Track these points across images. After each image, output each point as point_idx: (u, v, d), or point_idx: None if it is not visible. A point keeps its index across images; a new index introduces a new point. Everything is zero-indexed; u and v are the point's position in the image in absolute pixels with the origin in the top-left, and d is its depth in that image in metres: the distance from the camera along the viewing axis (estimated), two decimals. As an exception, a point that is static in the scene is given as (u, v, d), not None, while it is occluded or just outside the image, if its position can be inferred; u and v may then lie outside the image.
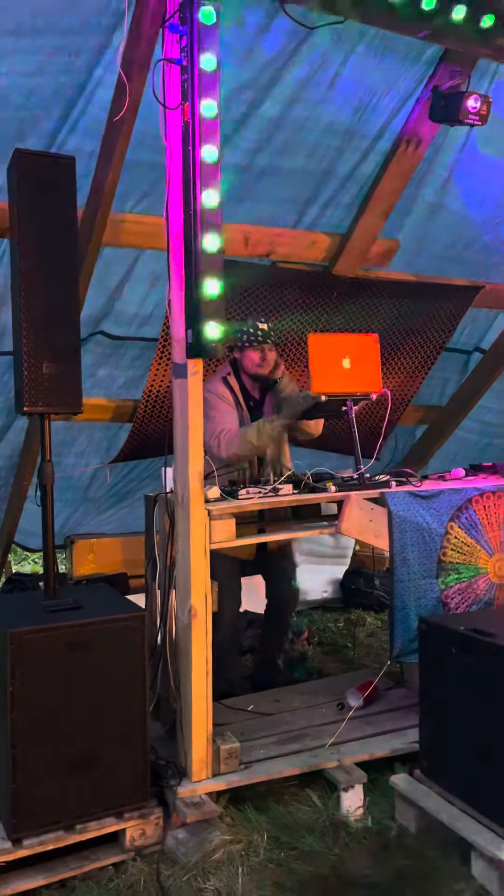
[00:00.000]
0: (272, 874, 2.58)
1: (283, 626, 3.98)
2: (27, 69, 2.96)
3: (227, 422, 3.46)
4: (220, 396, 3.54)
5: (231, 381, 3.61)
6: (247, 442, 3.32)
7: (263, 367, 3.58)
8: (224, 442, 3.36)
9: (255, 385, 3.66)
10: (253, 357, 3.56)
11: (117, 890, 2.55)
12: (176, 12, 2.62)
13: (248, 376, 3.64)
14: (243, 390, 3.63)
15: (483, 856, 2.48)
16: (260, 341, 3.53)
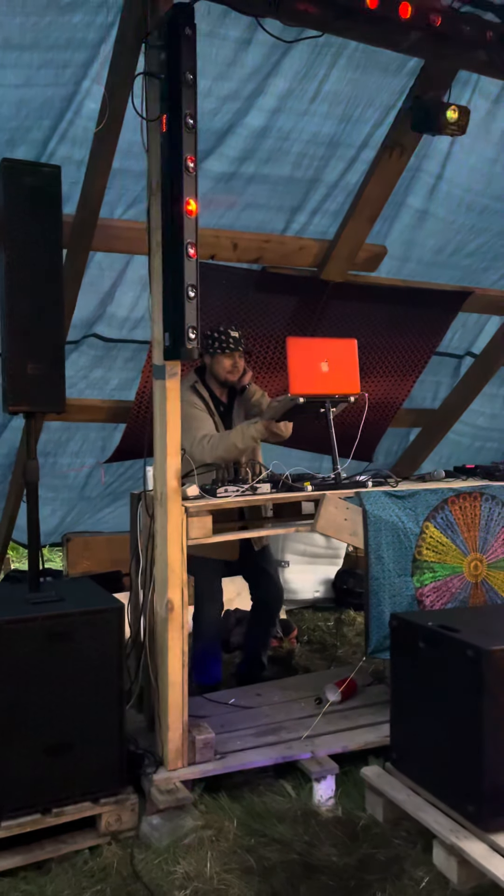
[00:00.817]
0: (240, 859, 2.67)
1: (268, 625, 4.07)
2: (16, 81, 3.07)
3: (206, 427, 3.56)
4: (193, 405, 3.60)
5: (200, 388, 3.70)
6: (231, 445, 3.42)
7: (234, 374, 3.68)
8: (209, 446, 3.45)
9: (223, 391, 3.76)
10: (225, 364, 3.66)
11: (92, 872, 2.64)
12: (156, 28, 2.72)
13: (218, 382, 3.73)
14: (213, 397, 3.73)
15: (443, 844, 2.55)
16: (232, 349, 3.63)
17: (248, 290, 4.39)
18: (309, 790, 3.06)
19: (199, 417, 3.56)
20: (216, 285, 4.21)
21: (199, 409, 3.61)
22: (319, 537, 5.82)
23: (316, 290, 4.50)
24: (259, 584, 3.97)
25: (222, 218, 4.01)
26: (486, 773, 2.53)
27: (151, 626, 3.09)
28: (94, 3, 2.88)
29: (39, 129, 3.31)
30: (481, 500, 3.53)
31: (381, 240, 4.48)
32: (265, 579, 3.92)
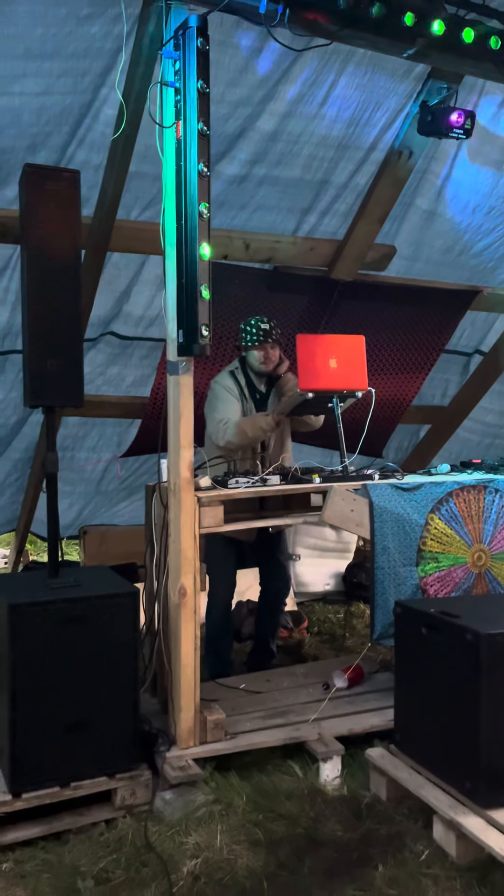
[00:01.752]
0: (249, 832, 2.79)
1: (276, 612, 4.20)
2: (38, 89, 3.21)
3: (229, 412, 3.70)
4: (227, 388, 3.78)
5: (237, 374, 3.86)
6: (241, 433, 3.56)
7: (267, 364, 3.80)
8: (223, 429, 3.60)
9: (261, 380, 3.89)
10: (257, 355, 3.79)
11: (107, 843, 2.78)
12: (171, 39, 2.85)
13: (253, 371, 3.87)
14: (249, 384, 3.86)
15: (442, 819, 2.67)
16: (262, 340, 3.76)
17: (260, 290, 4.52)
18: (315, 770, 3.18)
19: (224, 399, 3.71)
20: (229, 285, 4.33)
21: (230, 392, 3.75)
22: (330, 532, 5.93)
23: (326, 289, 4.62)
24: (268, 572, 4.11)
25: (235, 219, 4.13)
26: (483, 751, 2.64)
27: (165, 612, 3.22)
28: (112, 15, 3.01)
29: (59, 134, 3.45)
30: (485, 493, 3.63)
31: (391, 240, 4.59)
32: (275, 567, 4.05)
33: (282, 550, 4.12)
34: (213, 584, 3.97)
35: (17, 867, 2.65)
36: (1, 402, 4.53)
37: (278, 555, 4.08)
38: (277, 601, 4.16)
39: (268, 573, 4.12)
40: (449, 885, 2.49)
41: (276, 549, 4.07)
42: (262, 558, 4.12)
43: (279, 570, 4.09)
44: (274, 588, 4.12)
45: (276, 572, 4.09)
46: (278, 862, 2.64)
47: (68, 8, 2.95)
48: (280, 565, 4.09)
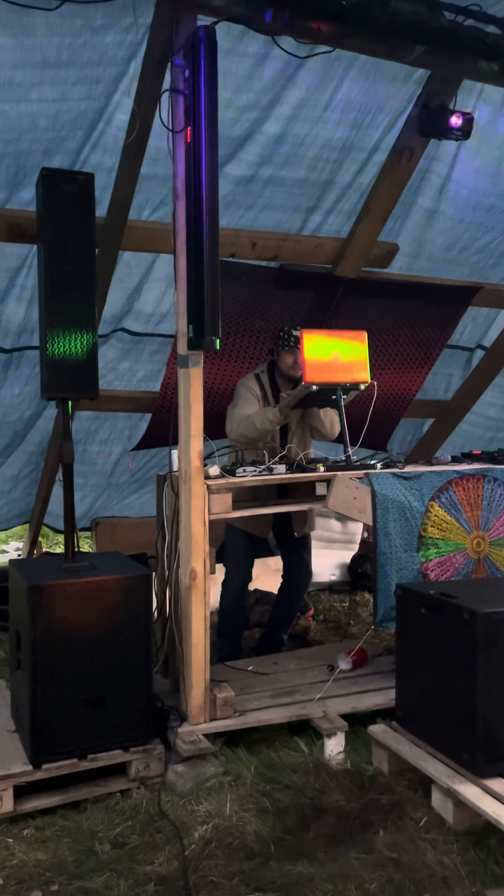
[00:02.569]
0: (257, 801, 2.95)
1: (293, 605, 4.37)
2: (54, 96, 3.36)
3: (246, 409, 3.89)
4: (249, 388, 3.99)
5: (263, 378, 4.05)
6: (251, 424, 3.73)
7: (295, 369, 3.95)
8: (236, 422, 3.80)
9: (287, 384, 4.04)
10: (287, 360, 3.97)
11: (123, 811, 2.94)
12: (180, 49, 3.00)
13: (282, 376, 4.03)
14: (273, 386, 4.03)
15: (440, 788, 2.81)
16: (292, 346, 3.91)
17: (266, 286, 4.65)
18: (321, 746, 3.32)
19: (245, 398, 3.92)
20: (236, 281, 4.47)
21: (251, 392, 3.95)
22: (336, 524, 6.08)
23: (331, 285, 4.75)
24: (293, 568, 4.28)
25: (242, 218, 4.28)
26: (479, 723, 2.78)
27: (176, 595, 3.38)
28: (125, 25, 3.16)
29: (74, 139, 3.60)
30: (484, 481, 3.76)
31: (394, 237, 4.71)
32: (299, 564, 4.24)
33: (307, 548, 4.29)
34: (229, 573, 4.13)
35: (38, 833, 2.81)
36: (17, 396, 4.68)
37: (303, 552, 4.24)
38: (296, 597, 4.33)
39: (291, 569, 4.28)
40: (446, 849, 2.63)
41: (301, 547, 4.23)
42: (288, 555, 4.28)
43: (303, 567, 4.27)
44: (295, 583, 4.29)
45: (300, 569, 4.27)
46: (285, 828, 2.80)
47: (83, 19, 3.09)
48: (304, 563, 4.27)
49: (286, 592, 4.30)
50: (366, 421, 3.94)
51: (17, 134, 3.43)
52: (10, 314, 4.26)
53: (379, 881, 2.49)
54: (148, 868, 2.59)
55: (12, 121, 3.36)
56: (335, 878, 2.50)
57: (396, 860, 2.58)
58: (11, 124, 3.37)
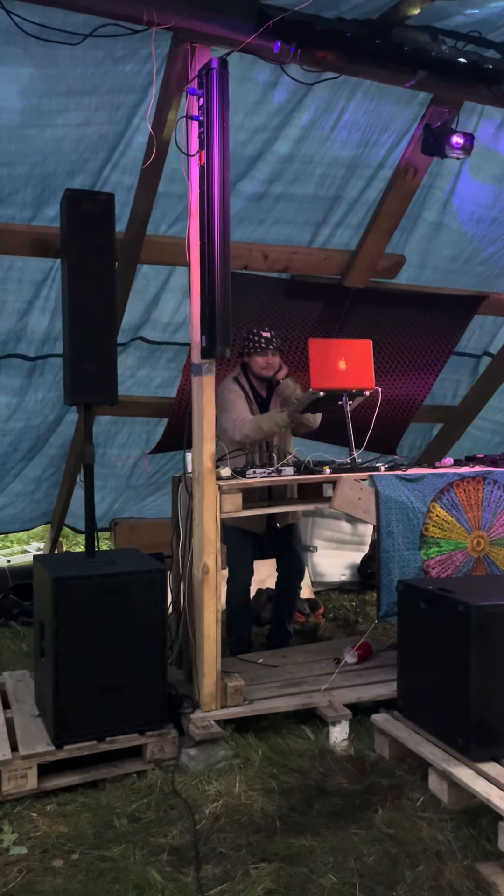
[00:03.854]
0: (264, 782, 3.14)
1: (292, 595, 4.53)
2: (77, 121, 3.59)
3: (241, 409, 4.06)
4: (235, 392, 4.15)
5: (241, 380, 4.22)
6: (258, 427, 3.92)
7: (268, 370, 4.15)
8: (239, 425, 3.96)
9: (262, 385, 4.24)
10: (259, 362, 4.15)
11: (139, 790, 3.14)
12: (195, 78, 3.22)
13: (256, 378, 4.21)
14: (252, 389, 4.22)
15: (436, 770, 2.99)
16: (263, 348, 4.10)
17: (277, 297, 4.87)
18: (326, 733, 3.51)
19: (234, 401, 4.08)
20: (249, 293, 4.69)
21: (238, 395, 4.12)
22: (346, 525, 6.26)
23: (340, 296, 4.95)
24: (283, 558, 4.44)
25: (254, 232, 4.49)
26: (473, 710, 2.95)
27: (190, 589, 3.58)
28: (143, 55, 3.38)
29: (96, 160, 3.83)
30: (484, 483, 3.94)
31: (400, 249, 4.91)
32: (289, 553, 4.39)
33: (296, 539, 4.46)
34: (232, 572, 4.32)
35: (60, 808, 3.01)
36: (40, 401, 4.92)
37: (293, 543, 4.42)
38: (293, 585, 4.49)
39: (283, 560, 4.45)
40: (440, 826, 2.81)
41: (290, 537, 4.40)
42: (278, 547, 4.46)
43: (294, 557, 4.43)
44: (289, 573, 4.46)
45: (290, 559, 4.43)
46: (290, 806, 2.98)
47: (105, 50, 3.32)
48: (294, 552, 4.43)
49: (283, 583, 4.46)
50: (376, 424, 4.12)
51: (43, 157, 3.67)
52: (35, 324, 4.49)
53: (376, 854, 2.67)
54: (162, 840, 2.78)
55: (39, 145, 3.59)
56: (335, 851, 2.68)
57: (393, 836, 2.76)
58: (38, 148, 3.61)
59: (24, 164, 3.67)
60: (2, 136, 3.49)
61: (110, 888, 2.52)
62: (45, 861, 2.68)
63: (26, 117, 3.45)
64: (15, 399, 4.84)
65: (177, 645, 3.83)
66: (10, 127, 3.48)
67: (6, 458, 5.21)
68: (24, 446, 5.21)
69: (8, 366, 4.67)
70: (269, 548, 4.53)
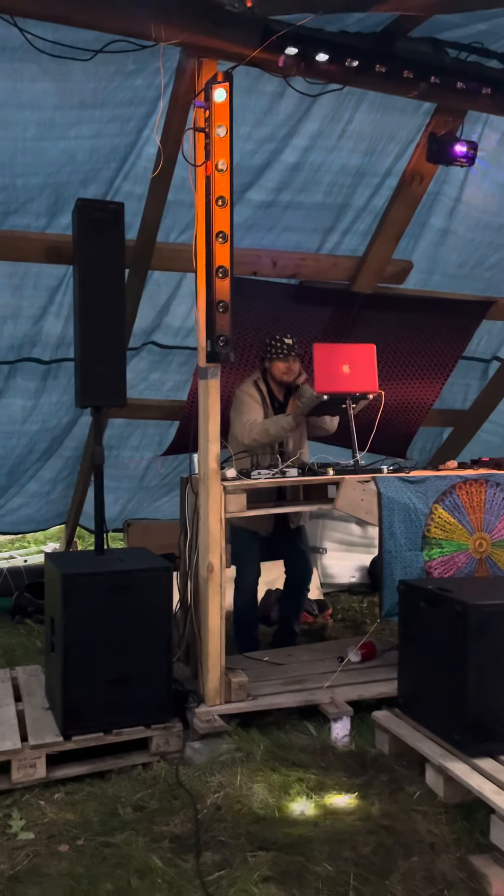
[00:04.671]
0: (265, 775, 3.22)
1: (299, 596, 4.62)
2: (90, 133, 3.71)
3: (253, 414, 4.16)
4: (250, 395, 4.25)
5: (259, 383, 4.32)
6: (265, 431, 4.02)
7: (288, 375, 4.25)
8: (248, 428, 4.07)
9: (280, 389, 4.34)
10: (280, 367, 4.25)
11: (144, 781, 3.23)
12: (201, 92, 3.33)
13: (276, 382, 4.31)
14: (270, 393, 4.31)
15: (433, 765, 3.05)
16: (285, 354, 4.20)
17: (287, 302, 4.96)
18: (328, 730, 3.58)
19: (248, 404, 4.18)
20: (259, 298, 4.79)
21: (253, 398, 4.22)
22: (356, 528, 6.33)
23: (348, 301, 5.03)
24: (291, 560, 4.53)
25: (263, 239, 4.59)
26: (469, 708, 3.02)
27: (196, 586, 3.68)
28: (153, 69, 3.49)
29: (108, 170, 3.95)
30: (486, 486, 3.99)
31: (408, 255, 4.98)
32: (297, 555, 4.48)
33: (304, 541, 4.55)
34: (239, 572, 4.41)
35: (67, 797, 3.12)
36: (55, 403, 5.05)
37: (301, 545, 4.51)
38: (300, 587, 4.58)
39: (291, 561, 4.55)
40: (436, 819, 2.88)
41: (298, 540, 4.49)
42: (286, 549, 4.55)
43: (301, 559, 4.52)
44: (296, 575, 4.55)
45: (298, 561, 4.52)
46: (289, 798, 3.06)
47: (116, 65, 3.44)
48: (302, 554, 4.51)
49: (291, 584, 4.55)
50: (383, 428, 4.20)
51: (57, 167, 3.79)
52: (49, 328, 4.62)
53: (372, 845, 2.74)
54: (164, 828, 2.87)
55: (53, 156, 3.72)
56: (332, 842, 2.76)
57: (389, 827, 2.83)
58: (52, 159, 3.73)
59: (38, 174, 3.80)
60: (17, 148, 3.62)
61: (113, 872, 2.61)
62: (52, 846, 2.78)
63: (41, 130, 3.58)
64: (31, 401, 4.98)
65: (184, 642, 3.92)
66: (26, 139, 3.60)
67: (22, 459, 5.35)
68: (39, 448, 5.34)
69: (24, 369, 4.80)
70: (277, 549, 4.62)
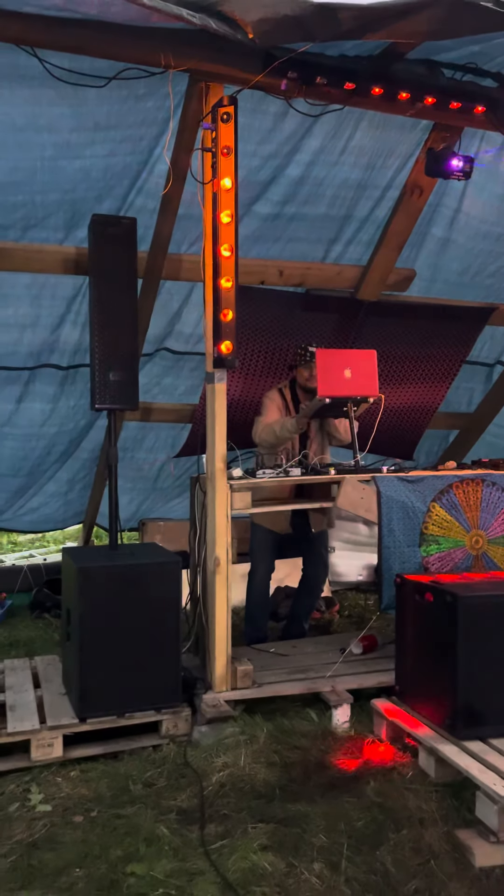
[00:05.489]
0: (268, 757, 3.42)
1: (312, 597, 4.83)
2: (104, 153, 3.94)
3: (270, 416, 4.41)
4: (273, 400, 4.51)
5: (285, 391, 4.57)
6: (271, 431, 4.24)
7: (312, 381, 4.45)
8: (260, 428, 4.33)
9: (306, 395, 4.55)
10: (304, 373, 4.47)
11: (154, 761, 3.44)
12: (208, 114, 3.55)
13: (301, 388, 4.53)
14: (294, 398, 4.54)
15: (425, 747, 3.24)
16: (308, 361, 4.41)
17: (294, 310, 5.16)
18: (329, 716, 3.77)
19: (268, 407, 4.44)
20: (266, 306, 5.00)
21: (274, 402, 4.47)
22: (363, 527, 6.50)
23: (353, 308, 5.23)
24: (310, 562, 4.75)
25: (270, 250, 4.80)
26: (459, 694, 3.20)
27: (204, 579, 3.89)
28: (163, 93, 3.71)
29: (121, 186, 4.18)
30: (483, 485, 4.17)
31: (411, 263, 5.17)
32: (316, 559, 4.71)
33: (324, 546, 4.75)
34: (253, 567, 4.62)
35: (82, 774, 3.34)
36: (72, 407, 5.28)
37: (321, 549, 4.71)
38: (314, 588, 4.79)
39: (309, 563, 4.76)
40: (426, 797, 3.06)
41: (319, 544, 4.70)
42: (305, 550, 4.75)
43: (320, 563, 4.73)
44: (312, 575, 4.76)
45: (317, 564, 4.74)
46: (290, 778, 3.26)
47: (129, 90, 3.66)
48: (320, 558, 4.73)
49: (305, 585, 4.76)
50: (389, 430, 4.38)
51: (74, 185, 4.03)
52: (67, 336, 4.86)
53: (365, 819, 2.93)
54: (172, 802, 3.08)
55: (69, 174, 3.95)
56: (328, 816, 2.95)
57: (381, 804, 3.02)
58: (69, 177, 3.97)
59: (56, 191, 4.03)
60: (37, 167, 3.85)
61: (123, 840, 2.82)
62: (67, 817, 3.00)
63: (58, 150, 3.81)
64: (49, 405, 5.22)
65: (193, 633, 4.13)
66: (44, 159, 3.84)
67: (41, 460, 5.59)
68: (57, 450, 5.58)
69: (43, 375, 5.04)
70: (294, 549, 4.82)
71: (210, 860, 2.70)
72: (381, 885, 2.60)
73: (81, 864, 2.70)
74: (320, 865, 2.67)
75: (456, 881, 2.63)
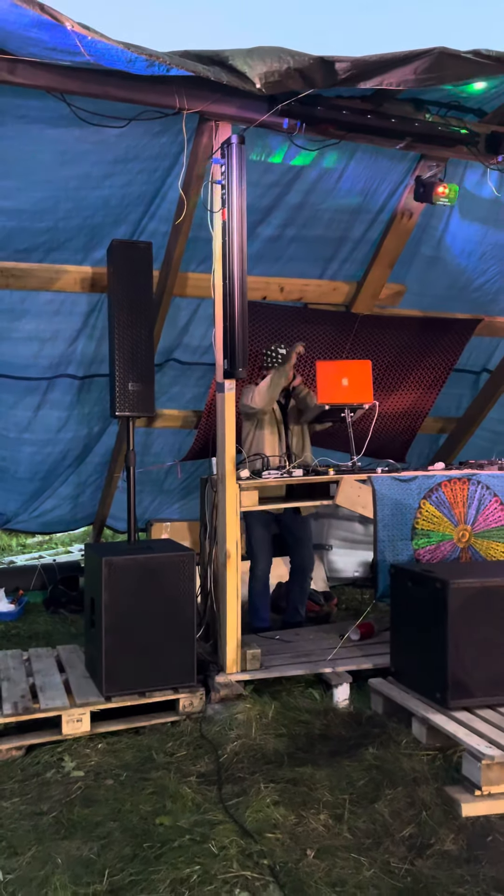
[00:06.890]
0: (276, 729, 3.78)
1: (303, 582, 5.18)
2: (122, 183, 4.33)
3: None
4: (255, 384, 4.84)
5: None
6: (260, 390, 4.60)
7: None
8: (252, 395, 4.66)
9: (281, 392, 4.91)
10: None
11: (173, 734, 3.80)
12: (218, 149, 3.93)
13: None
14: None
15: (417, 717, 3.61)
16: (281, 364, 4.78)
17: (294, 323, 5.55)
18: (330, 695, 4.14)
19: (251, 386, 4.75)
20: (268, 319, 5.38)
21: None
22: (359, 526, 6.88)
23: (348, 321, 5.62)
24: (295, 551, 5.10)
25: (271, 268, 5.19)
26: (448, 668, 3.57)
27: (215, 571, 4.26)
28: (176, 130, 4.10)
29: (136, 212, 4.56)
30: (469, 484, 4.56)
31: (402, 279, 5.57)
32: (300, 546, 5.05)
33: (307, 533, 5.11)
34: (253, 561, 4.98)
35: (109, 746, 3.69)
36: (87, 414, 5.65)
37: (304, 536, 5.07)
38: (304, 574, 5.13)
39: (296, 550, 5.11)
40: (418, 760, 3.43)
41: (303, 532, 5.06)
42: (291, 539, 5.11)
43: (304, 548, 5.08)
44: (300, 562, 5.11)
45: (301, 549, 5.08)
46: (296, 746, 3.63)
47: (145, 127, 4.05)
48: (304, 543, 5.07)
49: (296, 573, 5.11)
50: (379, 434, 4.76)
51: (93, 211, 4.41)
52: (83, 349, 5.23)
53: (364, 780, 3.30)
54: (192, 768, 3.44)
55: (90, 202, 4.34)
56: (331, 777, 3.32)
57: (379, 766, 3.39)
58: (89, 205, 4.35)
59: (77, 217, 4.42)
60: (60, 197, 4.24)
61: (150, 798, 3.18)
62: (99, 780, 3.36)
63: (81, 182, 4.20)
64: (65, 413, 5.59)
65: (204, 622, 4.50)
66: (67, 189, 4.23)
67: (57, 464, 5.95)
68: (71, 455, 5.95)
69: (60, 384, 5.41)
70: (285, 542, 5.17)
71: (228, 812, 3.06)
72: (379, 832, 2.96)
73: (115, 818, 3.06)
74: (326, 816, 3.04)
75: (445, 828, 3.00)
